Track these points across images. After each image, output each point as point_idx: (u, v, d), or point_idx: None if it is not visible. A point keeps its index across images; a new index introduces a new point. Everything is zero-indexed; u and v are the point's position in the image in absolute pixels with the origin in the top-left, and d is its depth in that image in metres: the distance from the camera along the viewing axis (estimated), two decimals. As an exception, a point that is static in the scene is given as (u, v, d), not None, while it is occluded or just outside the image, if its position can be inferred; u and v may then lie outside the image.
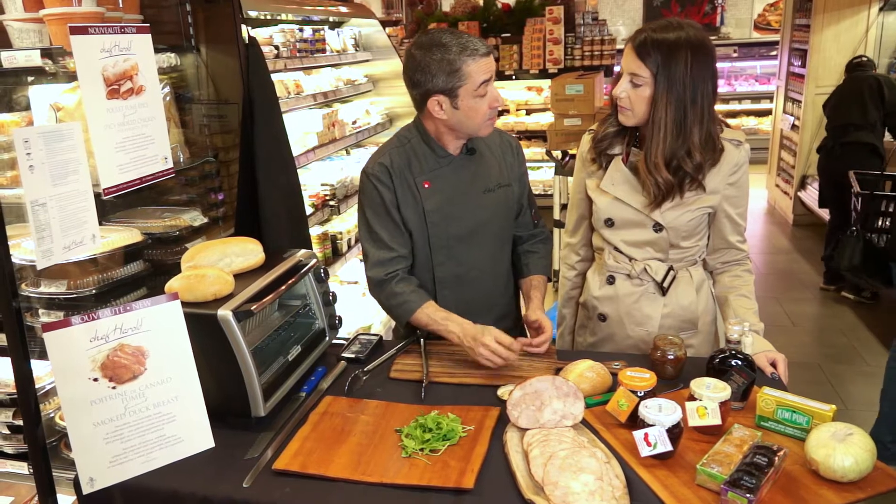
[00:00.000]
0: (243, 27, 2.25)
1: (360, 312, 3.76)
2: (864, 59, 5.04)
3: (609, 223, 1.95)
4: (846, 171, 4.80)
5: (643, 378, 1.56)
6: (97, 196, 1.57)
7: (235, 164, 2.41)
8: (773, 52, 8.72)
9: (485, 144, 1.99)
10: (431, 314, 1.86)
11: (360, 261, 4.29)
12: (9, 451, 1.94)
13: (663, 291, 1.95)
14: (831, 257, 4.86)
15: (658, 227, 1.89)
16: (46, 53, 1.58)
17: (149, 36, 1.69)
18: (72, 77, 1.67)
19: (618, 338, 2.02)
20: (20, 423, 1.91)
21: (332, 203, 3.60)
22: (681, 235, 1.90)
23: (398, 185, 1.89)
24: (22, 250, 1.74)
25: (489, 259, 1.99)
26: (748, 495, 1.24)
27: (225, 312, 1.54)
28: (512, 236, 2.08)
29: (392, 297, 1.90)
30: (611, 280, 1.99)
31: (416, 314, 1.87)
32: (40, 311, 1.84)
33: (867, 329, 4.50)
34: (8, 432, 1.92)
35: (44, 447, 1.53)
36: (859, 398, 3.59)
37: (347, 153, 4.40)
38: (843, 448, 1.33)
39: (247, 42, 2.26)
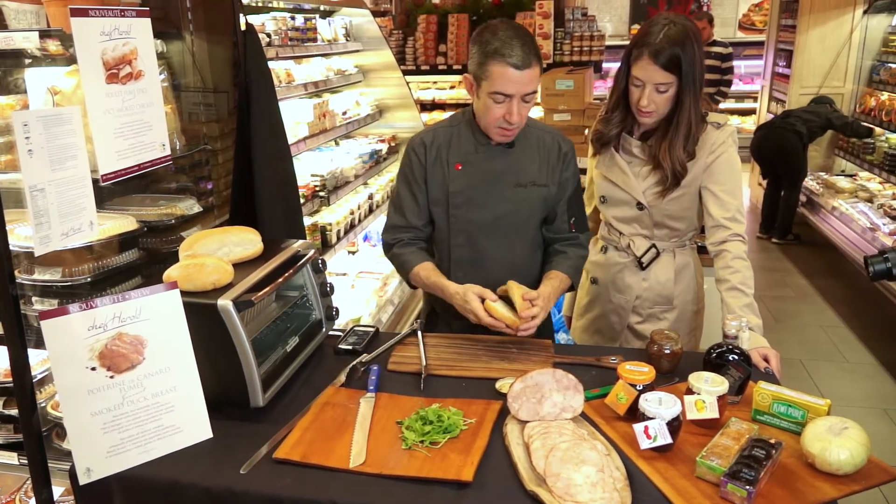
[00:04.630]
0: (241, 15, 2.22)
1: (349, 304, 3.74)
2: (824, 99, 6.03)
3: (603, 200, 2.14)
4: (773, 148, 5.85)
5: (642, 372, 1.58)
6: (94, 182, 1.55)
7: (224, 153, 2.39)
8: (757, 52, 8.80)
9: (532, 142, 1.97)
10: (424, 279, 1.96)
11: (349, 252, 4.28)
12: (-3, 440, 1.91)
13: (642, 266, 2.10)
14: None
15: (640, 206, 2.04)
16: (45, 35, 1.55)
17: (148, 20, 1.67)
18: (70, 60, 1.64)
19: (603, 300, 2.23)
20: (9, 412, 1.89)
21: (322, 194, 3.57)
22: (664, 214, 2.04)
23: (430, 162, 1.96)
24: (16, 236, 1.71)
25: (507, 250, 2.00)
26: (748, 487, 1.26)
27: (225, 302, 1.52)
28: (537, 235, 2.05)
29: (395, 258, 2.05)
30: (604, 249, 2.19)
31: (411, 275, 1.99)
32: (34, 298, 1.81)
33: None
34: (-4, 422, 1.89)
35: (39, 436, 1.51)
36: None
37: (336, 144, 4.37)
38: (838, 442, 1.35)
39: (244, 29, 2.23)
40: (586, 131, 2.18)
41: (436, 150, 1.96)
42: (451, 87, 7.18)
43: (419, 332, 1.94)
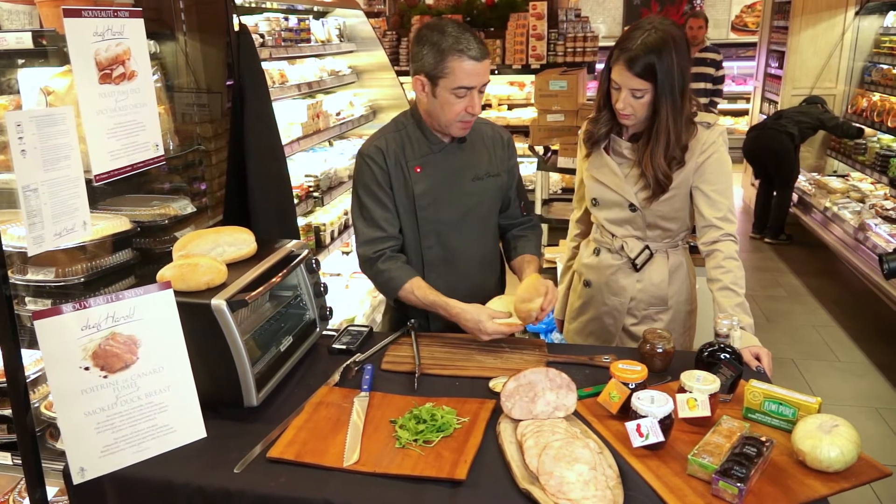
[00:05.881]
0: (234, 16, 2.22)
1: (343, 304, 3.75)
2: (816, 99, 6.03)
3: (594, 202, 2.13)
4: (764, 149, 5.89)
5: (634, 370, 1.59)
6: (87, 183, 1.55)
7: (218, 154, 2.39)
8: (750, 53, 8.84)
9: (477, 134, 2.02)
10: (420, 297, 1.91)
11: (343, 253, 4.27)
12: (-9, 441, 1.90)
13: (636, 268, 2.10)
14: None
15: (633, 207, 2.04)
16: (38, 36, 1.55)
17: (141, 20, 1.67)
18: (63, 61, 1.64)
19: (597, 303, 2.22)
20: (2, 413, 1.88)
21: (315, 194, 3.58)
22: (656, 215, 2.04)
23: (392, 168, 1.94)
24: (9, 236, 1.71)
25: (476, 244, 2.05)
26: (739, 484, 1.27)
27: (219, 302, 1.53)
28: (497, 224, 2.13)
29: (379, 275, 1.97)
30: (597, 252, 2.18)
31: (402, 292, 1.93)
32: (27, 299, 1.81)
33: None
34: (-10, 422, 1.89)
35: (33, 435, 1.51)
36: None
37: (330, 144, 4.37)
38: (829, 439, 1.36)
39: (237, 30, 2.23)
40: (580, 132, 2.18)
41: (393, 155, 1.94)
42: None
43: (413, 332, 1.95)
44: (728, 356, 1.65)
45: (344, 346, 1.92)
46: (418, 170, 1.94)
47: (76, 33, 1.49)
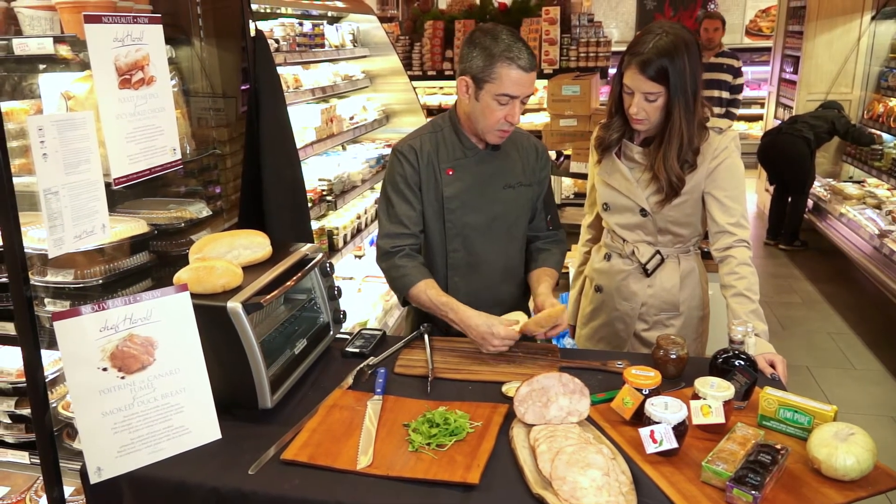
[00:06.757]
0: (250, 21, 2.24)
1: (356, 308, 3.76)
2: (833, 104, 6.03)
3: (606, 207, 2.14)
4: (780, 154, 5.87)
5: (648, 376, 1.58)
6: (106, 186, 1.57)
7: (233, 158, 2.42)
8: (764, 58, 8.80)
9: (511, 143, 2.03)
10: (432, 297, 1.91)
11: (356, 257, 4.29)
12: (9, 440, 1.93)
13: (647, 273, 2.10)
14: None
15: (644, 212, 2.04)
16: (59, 41, 1.58)
17: (160, 26, 1.69)
18: (83, 66, 1.67)
19: (608, 308, 2.21)
20: (21, 412, 1.91)
21: (329, 198, 3.59)
22: (668, 220, 2.04)
23: (423, 168, 1.95)
24: (29, 238, 1.73)
25: (501, 252, 2.05)
26: (753, 492, 1.27)
27: (234, 304, 1.54)
28: (525, 235, 2.12)
29: (394, 269, 1.96)
30: (608, 257, 2.18)
31: (414, 289, 1.93)
32: (46, 300, 1.83)
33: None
34: (9, 422, 1.91)
35: (51, 435, 1.52)
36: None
37: (343, 149, 4.39)
38: (844, 447, 1.36)
39: (254, 35, 2.25)
40: (591, 137, 2.19)
41: (426, 155, 1.95)
42: (458, 93, 7.20)
43: (426, 336, 1.95)
44: (742, 363, 1.64)
45: (357, 350, 1.93)
46: (450, 172, 1.95)
47: (97, 39, 1.51)
